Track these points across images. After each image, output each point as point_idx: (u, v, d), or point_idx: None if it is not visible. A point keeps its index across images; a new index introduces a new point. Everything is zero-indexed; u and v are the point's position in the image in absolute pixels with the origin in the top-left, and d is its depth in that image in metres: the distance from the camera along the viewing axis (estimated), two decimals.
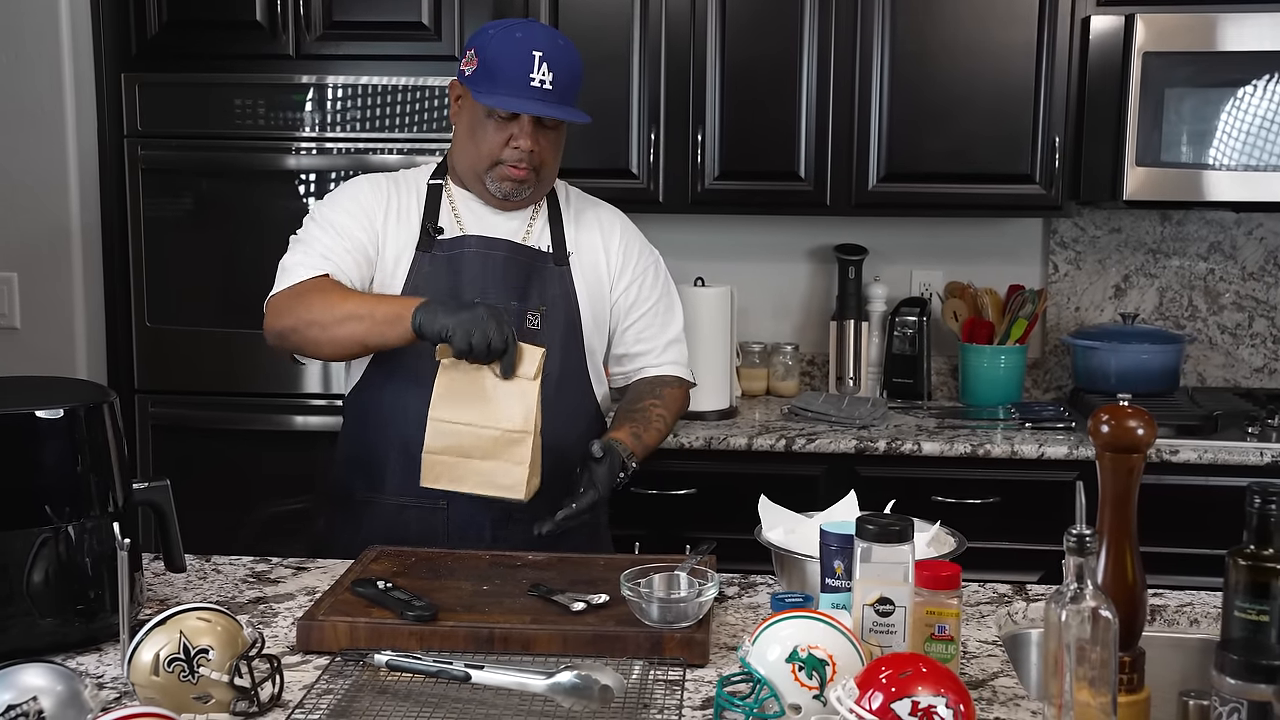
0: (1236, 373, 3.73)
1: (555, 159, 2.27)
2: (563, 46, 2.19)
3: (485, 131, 2.21)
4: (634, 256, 2.40)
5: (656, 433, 2.31)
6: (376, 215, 2.27)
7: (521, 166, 2.20)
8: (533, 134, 2.19)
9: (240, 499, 3.37)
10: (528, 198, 2.28)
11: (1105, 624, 1.38)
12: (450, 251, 2.25)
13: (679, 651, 1.71)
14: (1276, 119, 3.19)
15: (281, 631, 1.83)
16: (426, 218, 2.27)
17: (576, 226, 2.36)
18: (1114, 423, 1.48)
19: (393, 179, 2.34)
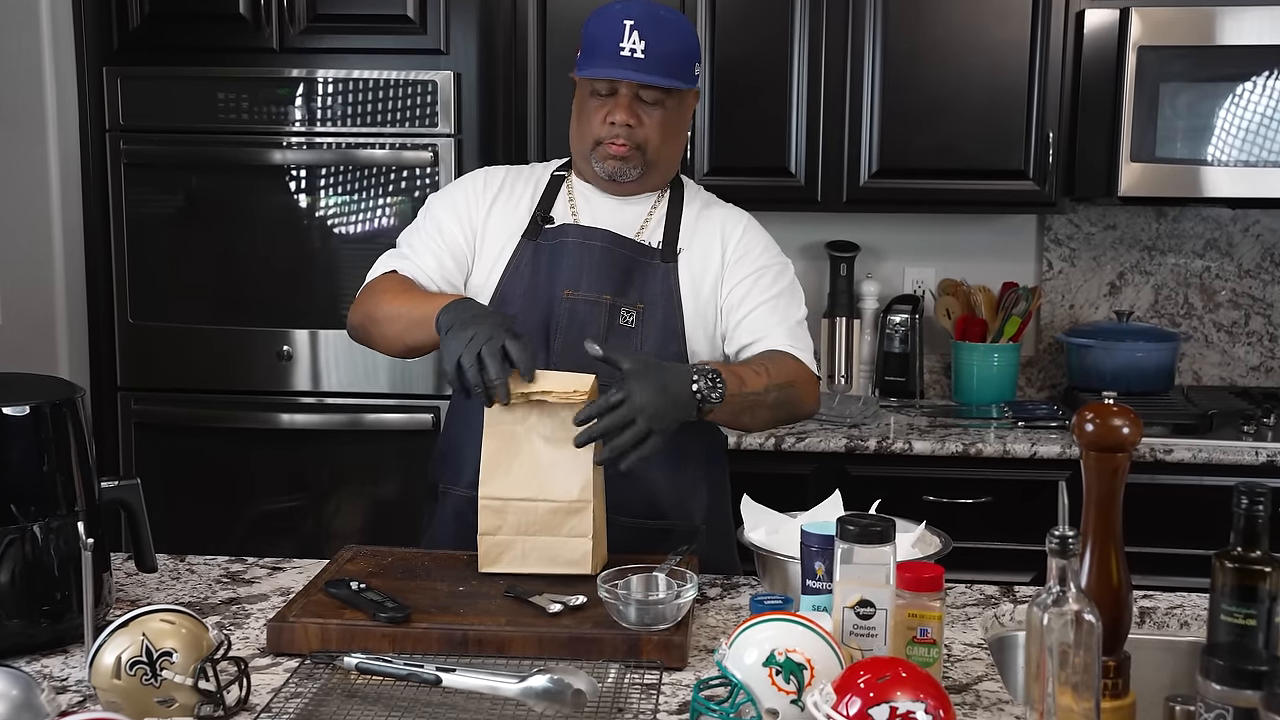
0: (1233, 371, 3.69)
1: (664, 138, 2.11)
2: (665, 17, 2.07)
3: (587, 110, 2.12)
4: (754, 253, 2.19)
5: (754, 376, 2.02)
6: (479, 208, 2.18)
7: (619, 142, 2.08)
8: (629, 107, 2.06)
9: (225, 498, 3.34)
10: (638, 180, 2.14)
11: (1088, 628, 1.34)
12: (551, 241, 2.15)
13: (657, 654, 1.68)
14: (1273, 114, 3.16)
15: (253, 633, 1.80)
16: (540, 207, 2.19)
17: (695, 223, 2.19)
18: (1099, 421, 1.44)
19: (514, 170, 2.27)
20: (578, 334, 2.07)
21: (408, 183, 3.19)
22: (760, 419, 2.05)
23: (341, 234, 3.25)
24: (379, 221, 3.23)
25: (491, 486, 1.90)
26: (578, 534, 1.89)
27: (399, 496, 3.30)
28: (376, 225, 3.23)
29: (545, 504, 1.89)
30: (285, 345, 3.26)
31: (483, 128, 3.18)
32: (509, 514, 1.90)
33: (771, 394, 2.02)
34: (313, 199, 3.25)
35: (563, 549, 1.90)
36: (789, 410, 2.08)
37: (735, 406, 1.96)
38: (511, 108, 3.34)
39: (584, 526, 1.89)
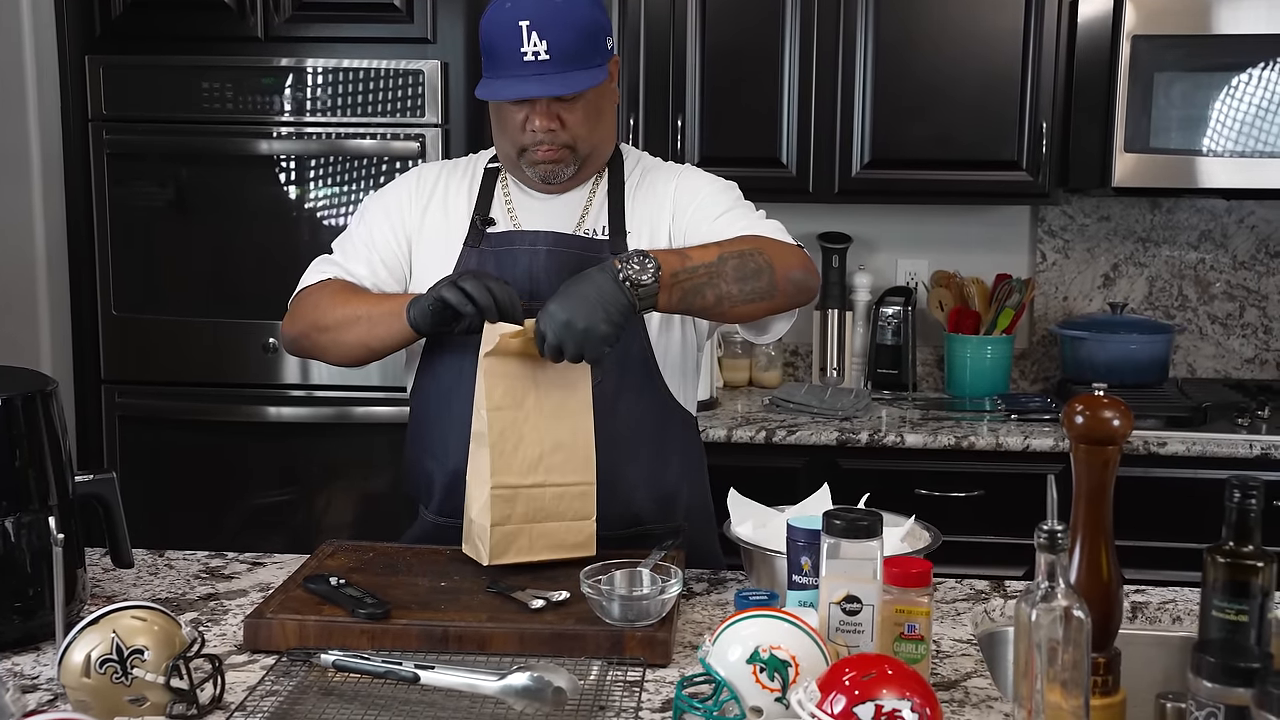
0: (1227, 363, 3.66)
1: (592, 127, 1.98)
2: (558, 3, 1.90)
3: (503, 117, 1.99)
4: (696, 189, 2.06)
5: (700, 250, 1.88)
6: (412, 212, 2.09)
7: (545, 148, 1.96)
8: (548, 111, 1.94)
9: (212, 494, 3.30)
10: (577, 175, 2.04)
11: (1078, 624, 1.31)
12: (497, 248, 2.03)
13: (640, 651, 1.65)
14: (1269, 104, 3.13)
15: (230, 630, 1.77)
16: (477, 208, 2.08)
17: (636, 198, 2.07)
18: (1088, 413, 1.41)
19: (448, 165, 2.16)
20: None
21: (396, 173, 3.14)
22: (733, 298, 1.86)
23: (329, 225, 3.21)
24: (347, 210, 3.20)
25: (503, 474, 1.86)
26: (582, 516, 1.89)
27: (388, 490, 3.27)
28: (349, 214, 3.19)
29: (552, 489, 1.88)
30: (272, 338, 3.22)
31: (470, 117, 3.14)
32: (518, 503, 1.86)
33: (729, 262, 1.85)
34: (299, 189, 3.22)
35: (568, 534, 1.89)
36: (769, 281, 1.87)
37: (687, 286, 1.82)
38: None
39: (588, 508, 1.89)
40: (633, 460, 2.03)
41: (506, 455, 1.86)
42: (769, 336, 2.07)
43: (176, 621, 1.52)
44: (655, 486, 2.07)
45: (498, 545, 1.86)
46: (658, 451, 2.08)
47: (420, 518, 2.15)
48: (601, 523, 1.96)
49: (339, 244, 2.16)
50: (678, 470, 2.11)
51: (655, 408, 2.07)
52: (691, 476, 2.15)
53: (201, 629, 1.75)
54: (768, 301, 1.90)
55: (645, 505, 2.06)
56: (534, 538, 1.88)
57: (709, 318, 1.97)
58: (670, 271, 1.81)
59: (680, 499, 2.12)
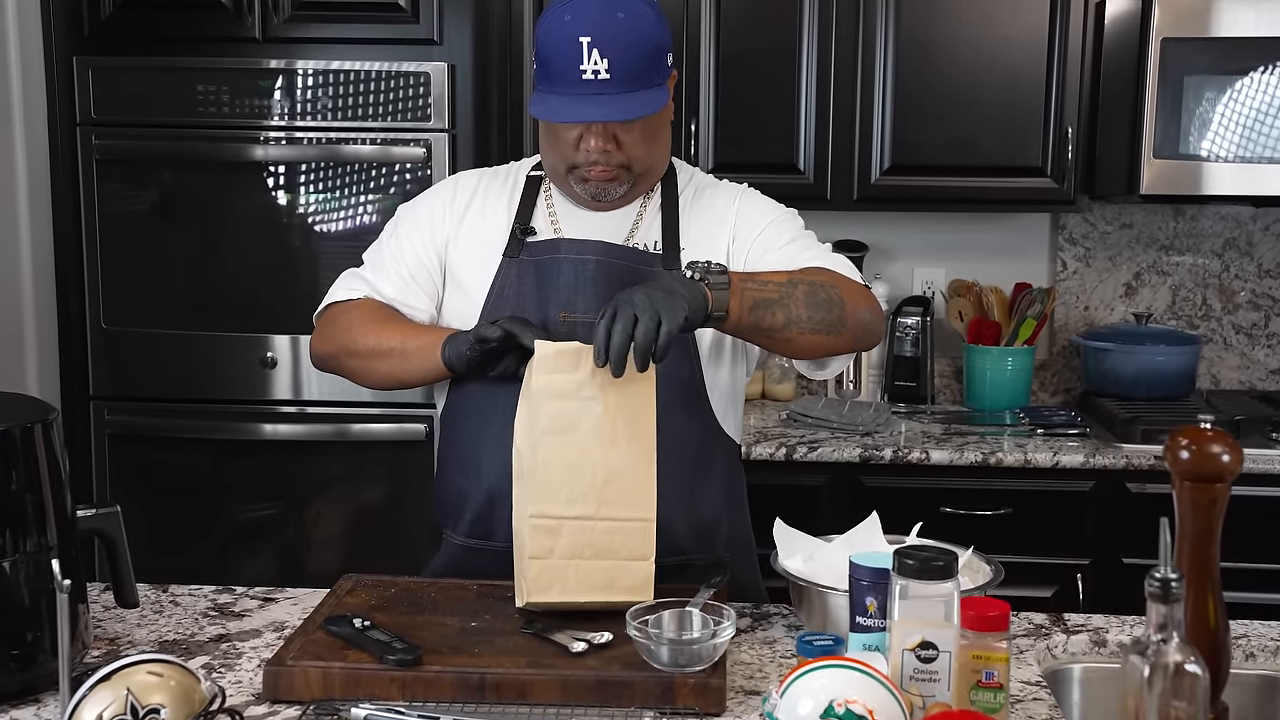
0: (1252, 375, 3.57)
1: (650, 148, 1.89)
2: (622, 20, 1.78)
3: (555, 132, 1.88)
4: (757, 215, 1.98)
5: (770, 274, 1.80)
6: (446, 224, 1.99)
7: (599, 168, 1.87)
8: (604, 132, 1.84)
9: (204, 514, 3.16)
10: (626, 194, 1.94)
11: (1193, 680, 1.20)
12: (538, 257, 1.93)
13: (693, 700, 1.53)
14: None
15: (246, 676, 1.64)
16: (518, 217, 1.97)
17: (691, 214, 1.97)
18: (1195, 448, 1.30)
19: (488, 174, 2.06)
20: None
21: (398, 180, 3.03)
22: (801, 324, 1.76)
23: (327, 233, 3.08)
24: (366, 220, 3.07)
25: (542, 503, 1.70)
26: (638, 556, 1.70)
27: (388, 511, 3.14)
28: (363, 223, 3.07)
29: (604, 523, 1.70)
30: (269, 352, 3.09)
31: (478, 122, 3.01)
32: (563, 535, 1.70)
33: (800, 287, 1.76)
34: (297, 197, 3.08)
35: (622, 575, 1.70)
36: (839, 315, 1.78)
37: (757, 297, 1.73)
38: (507, 101, 3.17)
39: (646, 548, 1.70)
40: (675, 484, 1.89)
41: (551, 485, 1.70)
42: (828, 372, 1.98)
43: (195, 675, 1.40)
44: (696, 514, 1.96)
45: (537, 581, 1.70)
46: (702, 478, 1.97)
47: (446, 542, 2.02)
48: None
49: (370, 255, 2.06)
50: (719, 499, 2.00)
51: (702, 432, 1.97)
52: (733, 506, 2.04)
53: (215, 675, 1.63)
54: (835, 336, 1.81)
55: (685, 533, 1.95)
56: (581, 576, 1.70)
57: (774, 343, 1.82)
58: (739, 277, 1.73)
59: (721, 529, 2.00)
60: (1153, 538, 3.16)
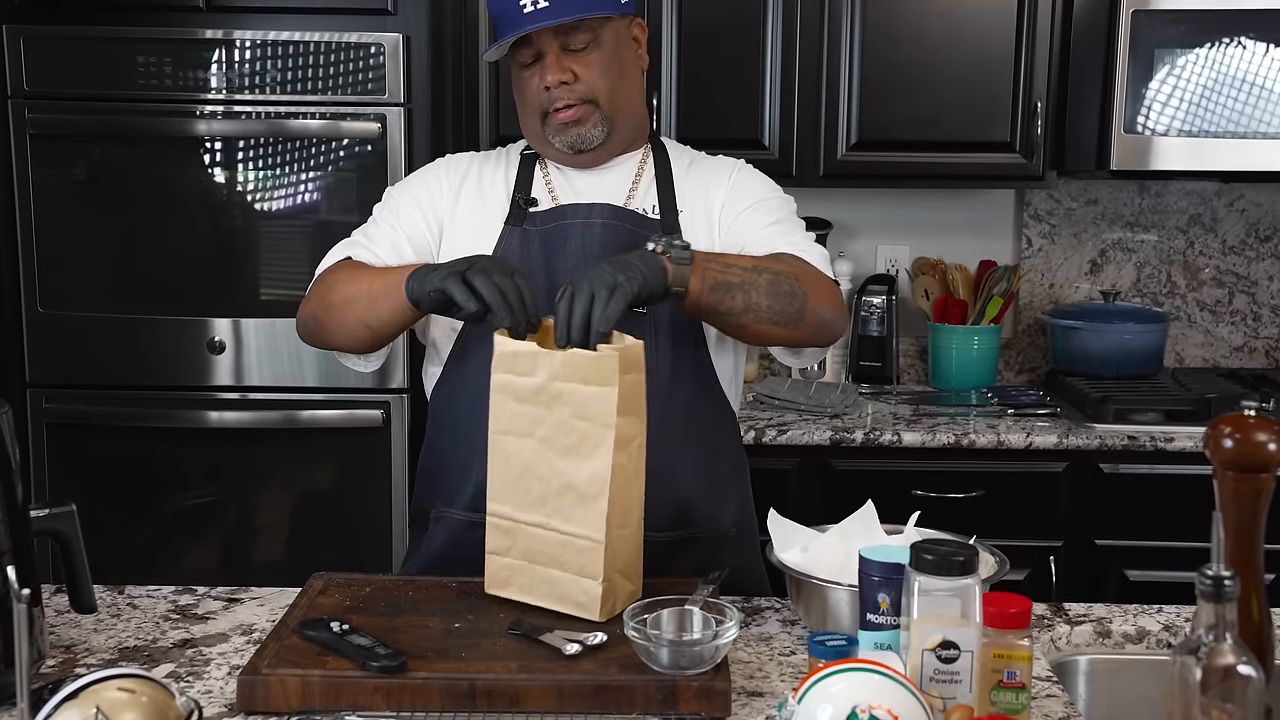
0: (1216, 352, 3.55)
1: (611, 80, 1.88)
2: None
3: (522, 87, 1.91)
4: (750, 190, 1.96)
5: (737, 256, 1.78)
6: (443, 197, 1.96)
7: (563, 104, 1.86)
8: (558, 63, 1.85)
9: (148, 504, 3.03)
10: (606, 141, 1.92)
11: (1245, 683, 1.14)
12: (544, 225, 1.91)
13: (697, 704, 1.45)
14: (1271, 82, 2.99)
15: (217, 685, 1.53)
16: (517, 189, 1.95)
17: (687, 180, 1.97)
18: (1239, 436, 1.23)
19: (480, 155, 2.04)
20: None
21: (350, 155, 2.90)
22: (760, 312, 1.73)
23: (273, 211, 2.96)
24: (312, 197, 2.95)
25: (500, 503, 1.66)
26: (587, 575, 1.62)
27: (340, 501, 3.03)
28: (310, 201, 2.95)
29: (557, 535, 1.63)
30: (215, 335, 2.96)
31: (434, 96, 2.90)
32: (519, 538, 1.65)
33: (764, 275, 1.73)
34: (243, 174, 2.95)
35: (573, 588, 1.63)
36: (799, 309, 1.75)
37: (719, 278, 1.69)
38: (463, 75, 3.06)
39: (594, 568, 1.61)
40: (682, 456, 1.87)
41: (509, 484, 1.66)
42: (802, 361, 1.98)
43: (169, 690, 1.29)
44: (706, 483, 1.92)
45: (495, 575, 1.68)
46: (711, 447, 1.94)
47: (443, 520, 1.93)
48: (649, 522, 1.79)
49: (362, 228, 1.99)
50: (728, 471, 1.97)
51: (708, 399, 1.94)
52: (740, 481, 2.01)
53: (182, 684, 1.52)
54: (791, 329, 1.78)
55: (696, 502, 1.90)
56: (536, 580, 1.66)
57: (730, 327, 1.79)
58: (702, 256, 1.70)
59: (730, 502, 1.96)
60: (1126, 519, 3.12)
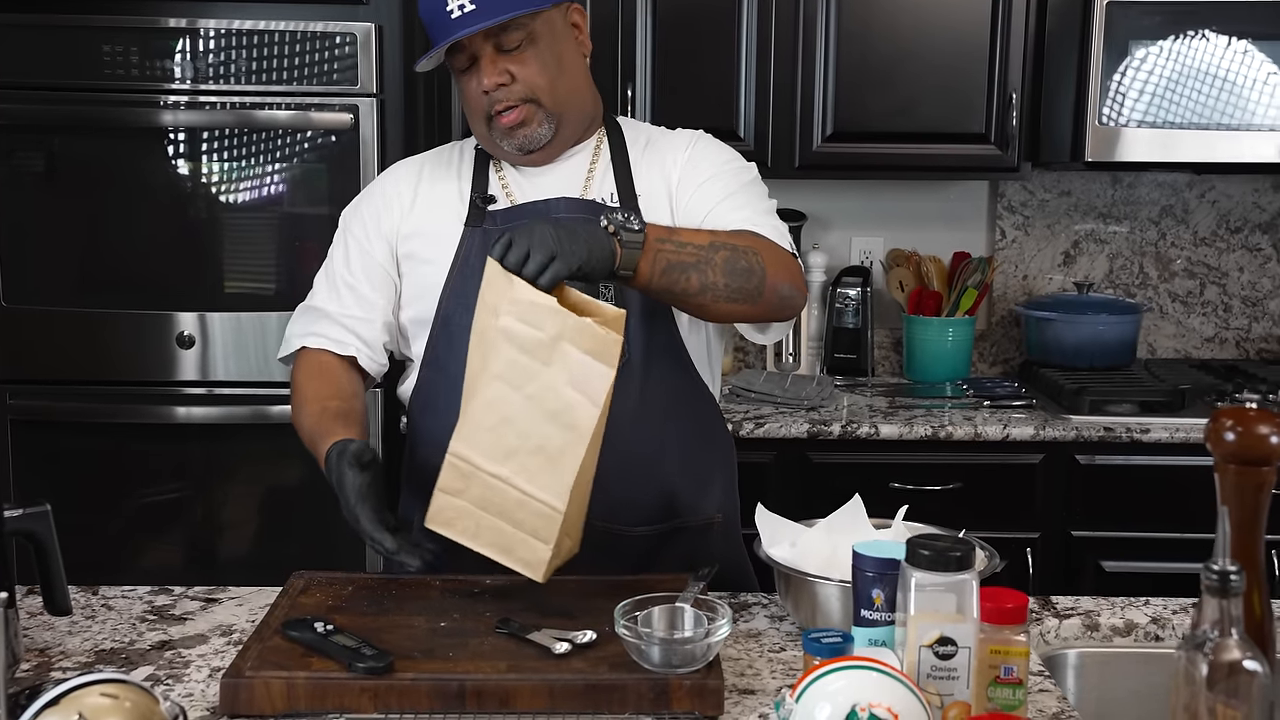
0: (1187, 343, 3.56)
1: (551, 76, 1.82)
2: None
3: (464, 94, 1.87)
4: (707, 160, 1.90)
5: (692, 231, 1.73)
6: (393, 215, 1.92)
7: (503, 106, 1.81)
8: (493, 65, 1.80)
9: (112, 500, 2.97)
10: (555, 137, 1.86)
11: (1251, 678, 1.13)
12: (504, 224, 1.85)
13: (690, 703, 1.43)
14: (1245, 75, 3.00)
15: (198, 688, 1.50)
16: (474, 189, 1.90)
17: (643, 164, 1.91)
18: (1241, 429, 1.22)
19: (429, 156, 1.99)
20: None
21: (321, 147, 2.86)
22: (717, 290, 1.67)
23: (239, 204, 2.91)
24: (279, 189, 2.91)
25: (468, 446, 1.59)
26: (539, 538, 1.59)
27: (309, 496, 2.98)
28: (277, 193, 2.91)
29: (516, 492, 1.58)
30: (184, 329, 2.91)
31: (407, 88, 2.86)
32: (474, 484, 1.59)
33: (720, 252, 1.68)
34: (211, 166, 2.90)
35: (521, 546, 1.60)
36: (757, 284, 1.70)
37: (672, 259, 1.64)
38: None
39: (547, 533, 1.58)
40: (664, 443, 1.86)
41: (480, 431, 1.59)
42: (769, 337, 1.93)
43: (153, 695, 1.26)
44: (691, 468, 1.90)
45: (439, 514, 1.61)
46: (693, 431, 1.91)
47: None
48: (635, 514, 1.82)
49: (319, 279, 1.98)
50: (712, 456, 1.95)
51: (686, 385, 1.91)
52: (725, 463, 1.98)
53: (162, 688, 1.49)
54: (749, 305, 1.73)
55: (680, 492, 1.88)
56: (482, 528, 1.60)
57: (687, 306, 1.75)
58: (656, 237, 1.64)
59: (715, 487, 1.94)
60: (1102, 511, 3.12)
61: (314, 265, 2.01)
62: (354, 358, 1.92)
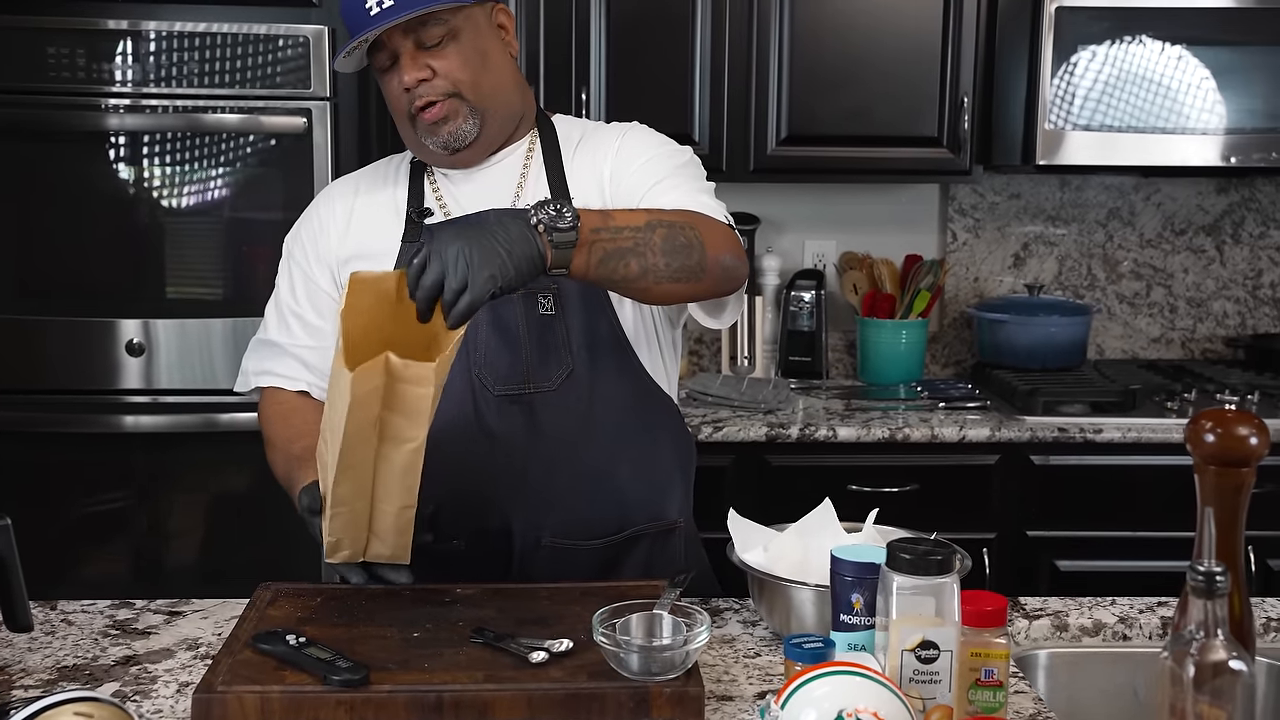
0: (1134, 344, 3.61)
1: (474, 70, 1.79)
2: None
3: (387, 94, 1.84)
4: (639, 149, 1.86)
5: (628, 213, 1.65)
6: (330, 239, 1.90)
7: (424, 101, 1.77)
8: (414, 61, 1.76)
9: (55, 512, 2.92)
10: (481, 135, 1.82)
11: (1236, 678, 1.14)
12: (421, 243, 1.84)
13: (670, 710, 1.42)
14: (1190, 79, 3.04)
15: (166, 704, 1.47)
16: (410, 203, 1.87)
17: (576, 163, 1.87)
18: (1220, 431, 1.23)
19: (364, 173, 1.97)
20: (497, 339, 1.80)
21: (274, 151, 2.83)
22: (659, 272, 1.60)
23: (187, 209, 2.88)
24: (226, 193, 2.88)
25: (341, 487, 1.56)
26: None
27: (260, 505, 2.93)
28: (224, 196, 2.88)
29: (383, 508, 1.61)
30: (133, 337, 2.86)
31: (361, 91, 2.83)
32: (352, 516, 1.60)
33: (658, 231, 1.60)
34: (163, 170, 2.86)
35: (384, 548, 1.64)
36: (698, 260, 1.62)
37: (609, 248, 1.56)
38: None
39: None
40: (618, 452, 1.83)
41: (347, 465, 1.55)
42: (723, 320, 1.86)
43: (128, 714, 1.23)
44: (647, 478, 1.88)
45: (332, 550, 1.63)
46: (646, 440, 1.88)
47: None
48: (588, 529, 1.81)
49: (269, 312, 1.96)
50: (670, 459, 1.92)
51: (637, 390, 1.87)
52: (684, 469, 1.96)
53: (129, 704, 1.45)
54: (694, 283, 1.65)
55: (637, 501, 1.86)
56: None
57: (630, 292, 1.67)
58: (590, 227, 1.54)
59: (676, 492, 1.92)
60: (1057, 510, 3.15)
61: (265, 270, 1.99)
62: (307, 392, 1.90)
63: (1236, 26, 3.07)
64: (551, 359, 1.81)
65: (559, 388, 1.81)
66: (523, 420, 1.81)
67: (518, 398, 1.81)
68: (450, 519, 1.74)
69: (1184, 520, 2.30)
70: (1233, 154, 3.07)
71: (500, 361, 1.80)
